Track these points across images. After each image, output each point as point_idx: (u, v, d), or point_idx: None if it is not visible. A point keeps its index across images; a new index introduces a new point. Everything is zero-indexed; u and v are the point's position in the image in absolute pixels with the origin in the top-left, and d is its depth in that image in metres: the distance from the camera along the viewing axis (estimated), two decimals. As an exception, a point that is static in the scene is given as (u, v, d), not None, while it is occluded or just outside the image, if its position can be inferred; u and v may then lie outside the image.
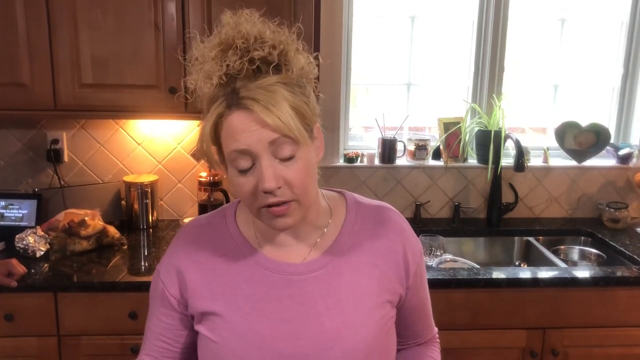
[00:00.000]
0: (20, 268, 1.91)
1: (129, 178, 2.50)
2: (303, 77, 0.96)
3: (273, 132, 0.90)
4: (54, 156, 2.45)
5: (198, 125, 2.50)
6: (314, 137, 0.98)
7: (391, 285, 1.06)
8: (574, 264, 2.41)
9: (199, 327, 1.05)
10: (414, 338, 1.21)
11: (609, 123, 2.78)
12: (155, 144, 2.54)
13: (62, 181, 2.49)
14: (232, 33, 0.91)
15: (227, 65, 0.91)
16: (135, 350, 1.95)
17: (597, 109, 2.80)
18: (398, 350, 1.13)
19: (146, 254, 2.26)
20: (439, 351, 1.23)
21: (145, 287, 1.93)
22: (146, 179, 2.49)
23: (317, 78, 1.02)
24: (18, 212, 2.28)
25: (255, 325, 1.00)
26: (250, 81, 0.91)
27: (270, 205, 0.94)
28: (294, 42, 0.95)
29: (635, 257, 2.22)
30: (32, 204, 2.29)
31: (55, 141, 2.46)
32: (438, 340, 1.26)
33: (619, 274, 2.05)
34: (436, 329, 1.26)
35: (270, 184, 0.91)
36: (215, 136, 0.94)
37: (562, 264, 2.23)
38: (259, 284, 1.03)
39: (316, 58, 0.99)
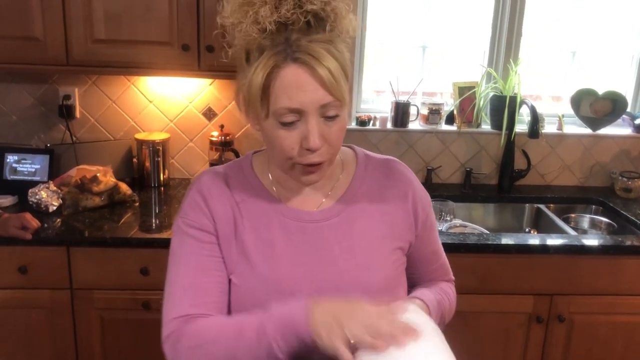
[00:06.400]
0: (33, 222, 1.93)
1: (140, 136, 2.49)
2: (347, 38, 0.98)
3: (328, 94, 0.93)
4: (66, 112, 2.44)
5: (210, 84, 2.48)
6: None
7: (401, 232, 1.12)
8: (584, 232, 2.41)
9: None
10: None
11: (627, 91, 2.73)
12: (167, 102, 2.53)
13: (74, 137, 2.49)
14: None
15: (280, 13, 0.91)
16: (147, 306, 1.98)
17: (615, 77, 2.75)
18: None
19: (157, 211, 2.27)
20: (453, 290, 1.26)
21: (156, 243, 1.95)
22: (158, 137, 2.49)
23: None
24: (31, 166, 2.30)
25: (274, 269, 1.05)
26: (304, 35, 0.92)
27: (308, 164, 0.99)
28: (344, 0, 0.97)
29: (646, 226, 2.22)
30: (44, 159, 2.30)
31: (67, 97, 2.45)
32: (453, 281, 1.28)
33: (628, 243, 2.05)
34: (453, 277, 1.28)
35: (316, 143, 0.95)
36: (265, 86, 0.94)
37: (572, 232, 2.22)
38: (277, 230, 1.07)
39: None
